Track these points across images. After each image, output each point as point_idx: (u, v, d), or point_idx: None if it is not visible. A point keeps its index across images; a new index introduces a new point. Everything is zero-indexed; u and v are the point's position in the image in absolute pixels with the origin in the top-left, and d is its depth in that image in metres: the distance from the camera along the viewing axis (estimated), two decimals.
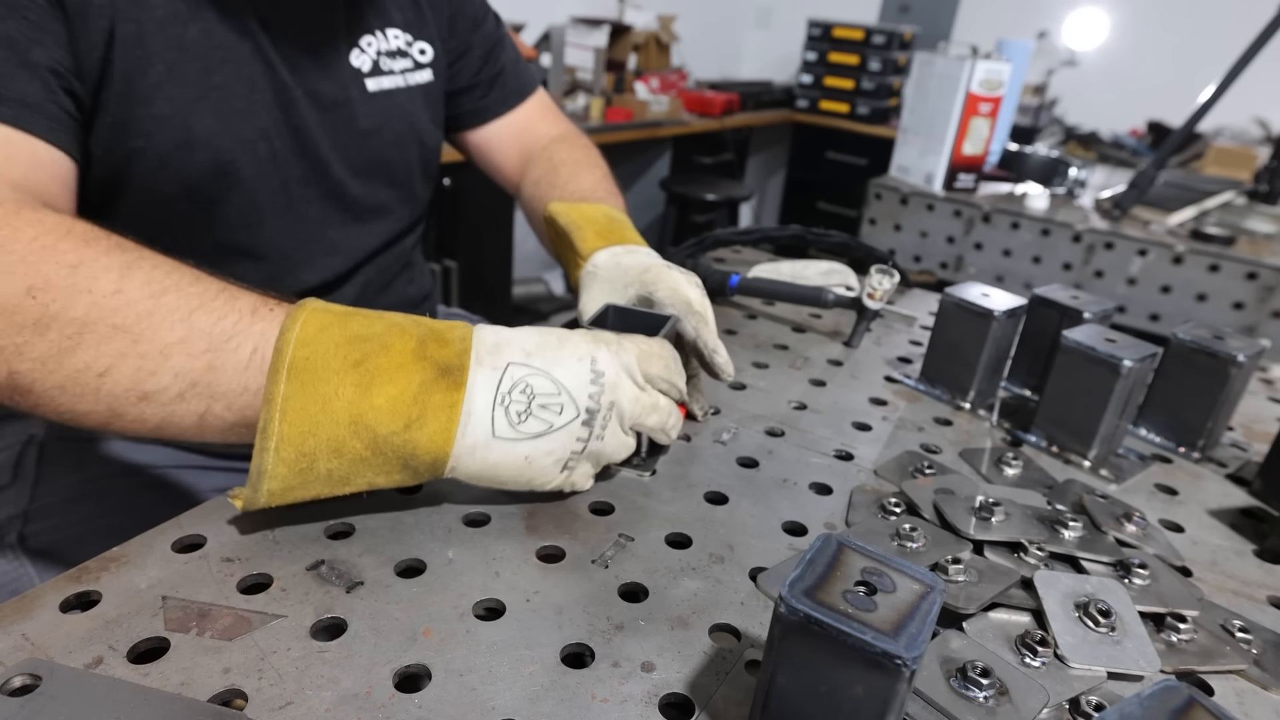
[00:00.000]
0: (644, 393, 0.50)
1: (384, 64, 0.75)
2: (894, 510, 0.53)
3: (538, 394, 0.46)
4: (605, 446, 0.49)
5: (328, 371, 0.42)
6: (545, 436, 0.46)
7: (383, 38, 0.76)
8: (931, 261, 1.78)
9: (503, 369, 0.45)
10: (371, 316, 0.46)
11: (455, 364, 0.45)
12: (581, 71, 2.91)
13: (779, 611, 0.32)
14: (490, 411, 0.45)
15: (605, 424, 0.48)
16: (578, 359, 0.47)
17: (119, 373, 0.43)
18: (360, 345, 0.44)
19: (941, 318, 0.72)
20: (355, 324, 0.45)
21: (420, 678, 0.38)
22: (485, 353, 0.46)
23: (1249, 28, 1.50)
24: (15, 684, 0.34)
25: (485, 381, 0.45)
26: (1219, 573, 0.53)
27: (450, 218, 2.44)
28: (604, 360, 0.48)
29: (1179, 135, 1.63)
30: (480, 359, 0.45)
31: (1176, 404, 0.68)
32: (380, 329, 0.45)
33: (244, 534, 0.47)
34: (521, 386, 0.45)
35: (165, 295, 0.44)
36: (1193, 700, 0.31)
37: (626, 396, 0.49)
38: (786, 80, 4.05)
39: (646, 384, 0.51)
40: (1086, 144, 3.19)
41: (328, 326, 0.44)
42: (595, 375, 0.47)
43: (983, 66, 1.63)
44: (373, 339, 0.44)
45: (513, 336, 0.48)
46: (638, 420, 0.50)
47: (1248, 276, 1.43)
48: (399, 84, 0.77)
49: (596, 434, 0.48)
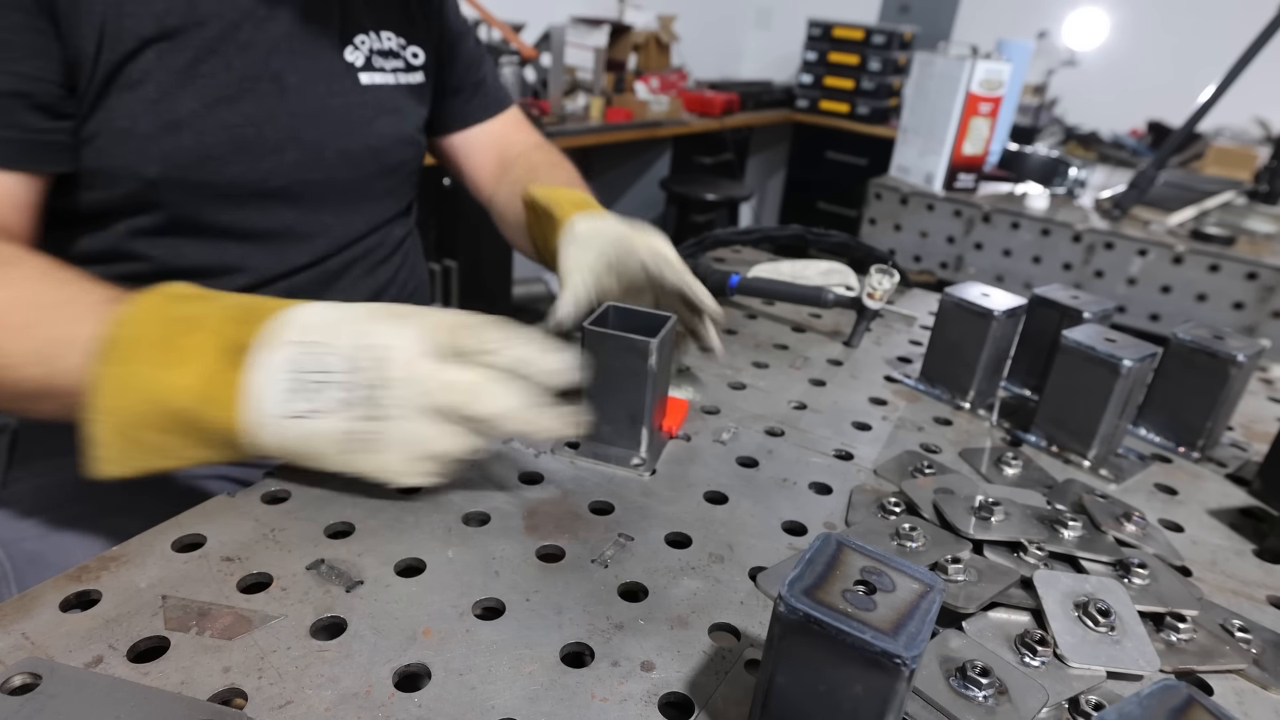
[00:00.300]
0: (444, 369, 0.45)
1: (376, 62, 0.77)
2: (894, 510, 0.53)
3: (306, 371, 0.45)
4: (397, 432, 0.45)
5: (139, 350, 0.45)
6: (313, 418, 0.45)
7: (375, 38, 0.77)
8: (931, 261, 1.78)
9: (284, 345, 0.45)
10: (203, 298, 0.48)
11: (242, 343, 0.45)
12: (581, 71, 2.91)
13: (779, 611, 0.32)
14: (267, 390, 0.44)
15: (382, 406, 0.45)
16: (351, 335, 0.45)
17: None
18: (175, 325, 0.46)
19: (941, 318, 0.72)
20: (180, 306, 0.47)
21: (420, 677, 0.38)
22: (276, 330, 0.45)
23: (1249, 28, 1.50)
24: (15, 683, 0.34)
25: (266, 360, 0.45)
26: (1218, 572, 0.53)
27: (450, 218, 2.44)
28: (381, 335, 0.45)
29: (1179, 135, 1.63)
30: (268, 337, 0.45)
31: (1176, 404, 0.68)
32: (200, 310, 0.47)
33: (244, 534, 0.47)
34: (294, 364, 0.45)
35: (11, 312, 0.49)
36: (1192, 700, 0.31)
37: (407, 374, 0.44)
38: (786, 80, 4.05)
39: (459, 362, 0.46)
40: (1086, 144, 3.19)
41: (154, 308, 0.47)
42: (362, 350, 0.45)
43: (983, 66, 1.63)
44: (188, 320, 0.46)
45: (308, 313, 0.47)
46: (440, 403, 0.45)
47: (1248, 276, 1.43)
48: (390, 81, 0.79)
49: (369, 415, 0.45)
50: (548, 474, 0.56)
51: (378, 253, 0.82)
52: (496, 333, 0.47)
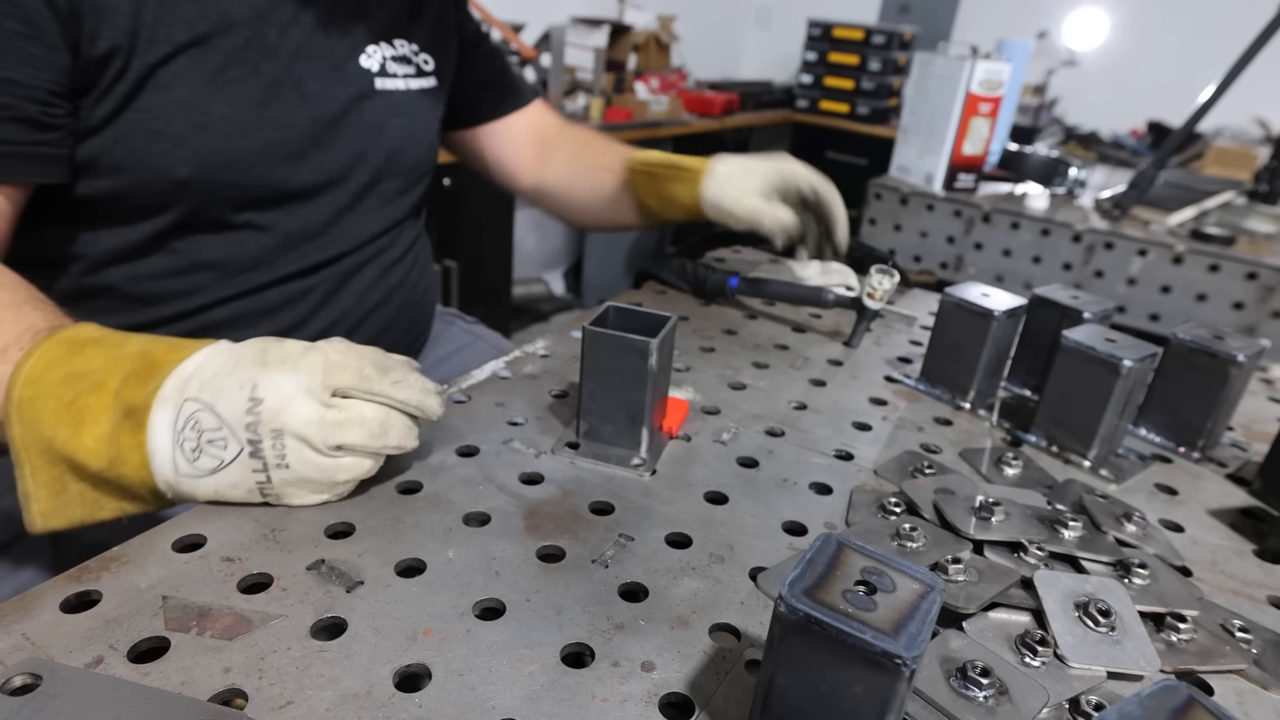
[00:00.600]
0: (331, 410, 0.46)
1: (390, 68, 0.79)
2: (894, 510, 0.53)
3: (204, 429, 0.45)
4: (299, 473, 0.47)
5: (46, 412, 0.45)
6: (220, 473, 0.46)
7: (389, 45, 0.79)
8: (931, 261, 1.78)
9: (180, 405, 0.46)
10: (103, 348, 0.48)
11: (140, 404, 0.46)
12: (581, 71, 2.91)
13: (779, 611, 0.32)
14: (170, 451, 0.46)
15: (282, 451, 0.46)
16: (239, 387, 0.46)
17: None
18: (75, 384, 0.46)
19: (941, 318, 0.72)
20: (80, 360, 0.47)
21: (420, 677, 0.38)
22: (172, 388, 0.46)
23: (1249, 28, 1.50)
24: (16, 683, 0.34)
25: (163, 421, 0.46)
26: (1219, 572, 0.53)
27: (450, 218, 2.44)
28: (266, 385, 0.46)
29: (1179, 135, 1.63)
30: (165, 396, 0.46)
31: (1176, 404, 0.68)
32: (99, 364, 0.47)
33: (244, 534, 0.47)
34: (192, 423, 0.45)
35: None
36: (1192, 700, 0.31)
37: (300, 419, 0.46)
38: (786, 80, 4.05)
39: (338, 400, 0.47)
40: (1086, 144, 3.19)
41: (55, 363, 0.47)
42: (252, 404, 0.45)
43: (983, 66, 1.63)
44: (88, 377, 0.46)
45: (202, 364, 0.47)
46: (333, 440, 0.46)
47: (1248, 276, 1.43)
48: (402, 87, 0.80)
49: (274, 463, 0.46)
50: (548, 474, 0.56)
51: (390, 253, 0.84)
52: (374, 372, 0.48)
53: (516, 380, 0.70)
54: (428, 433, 0.60)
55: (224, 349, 0.48)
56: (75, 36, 0.57)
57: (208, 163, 0.64)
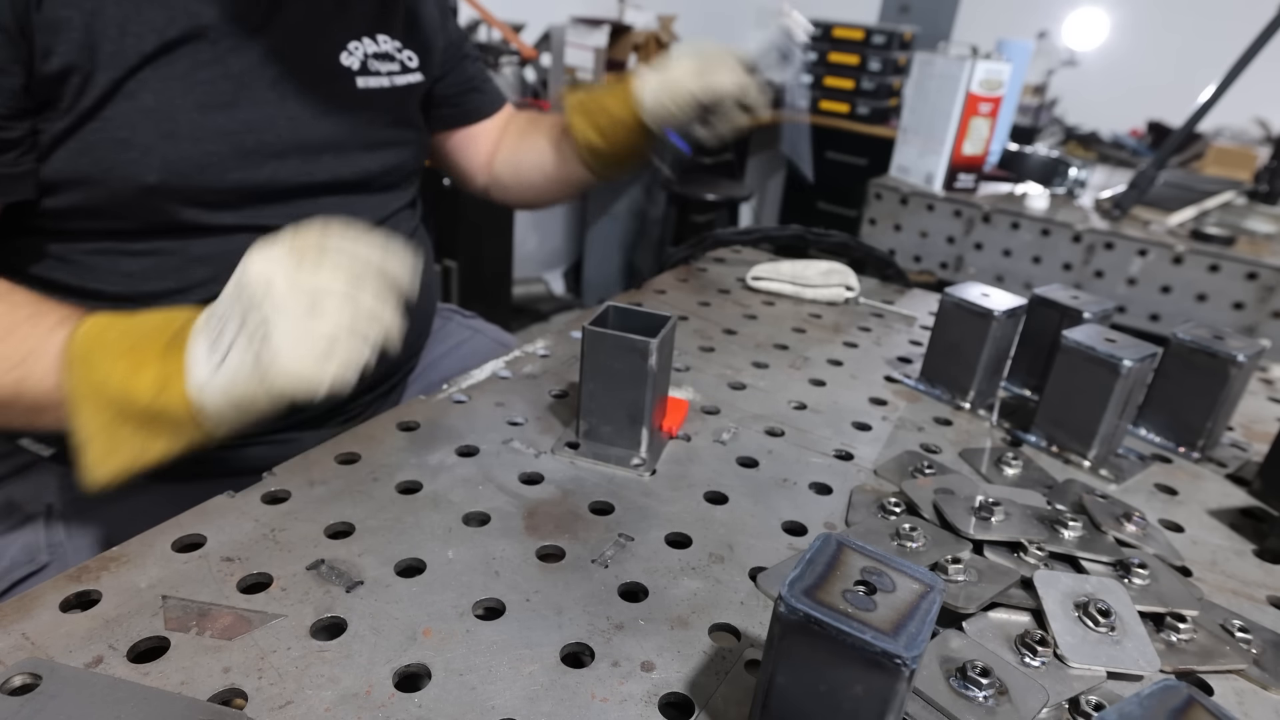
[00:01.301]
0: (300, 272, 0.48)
1: (372, 65, 0.78)
2: (894, 510, 0.53)
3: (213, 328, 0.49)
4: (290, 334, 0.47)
5: (105, 356, 0.49)
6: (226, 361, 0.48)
7: (372, 42, 0.78)
8: (931, 261, 1.78)
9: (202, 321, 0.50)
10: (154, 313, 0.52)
11: (183, 334, 0.50)
12: (581, 71, 2.91)
13: (779, 611, 0.32)
14: (194, 359, 0.49)
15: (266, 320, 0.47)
16: (233, 280, 0.49)
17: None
18: (132, 334, 0.50)
19: (941, 318, 0.72)
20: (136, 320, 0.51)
21: (420, 677, 0.38)
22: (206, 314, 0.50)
23: (1249, 28, 1.50)
24: (15, 683, 0.34)
25: (193, 337, 0.50)
26: (1219, 573, 0.53)
27: (450, 218, 2.44)
28: (245, 267, 0.49)
29: (1179, 135, 1.63)
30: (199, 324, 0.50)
31: (1176, 404, 0.68)
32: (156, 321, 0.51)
33: (244, 534, 0.47)
34: (207, 328, 0.49)
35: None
36: (1192, 700, 0.31)
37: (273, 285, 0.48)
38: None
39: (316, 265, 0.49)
40: (1086, 144, 3.19)
41: (112, 322, 0.51)
42: (238, 286, 0.48)
43: (983, 66, 1.63)
44: (145, 325, 0.51)
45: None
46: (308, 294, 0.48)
47: (1248, 276, 1.43)
48: (386, 84, 0.80)
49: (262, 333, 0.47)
50: (548, 474, 0.56)
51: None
52: (338, 237, 0.50)
53: (516, 380, 0.70)
54: (428, 433, 0.60)
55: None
56: (27, 55, 0.56)
57: (178, 168, 0.64)
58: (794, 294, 0.95)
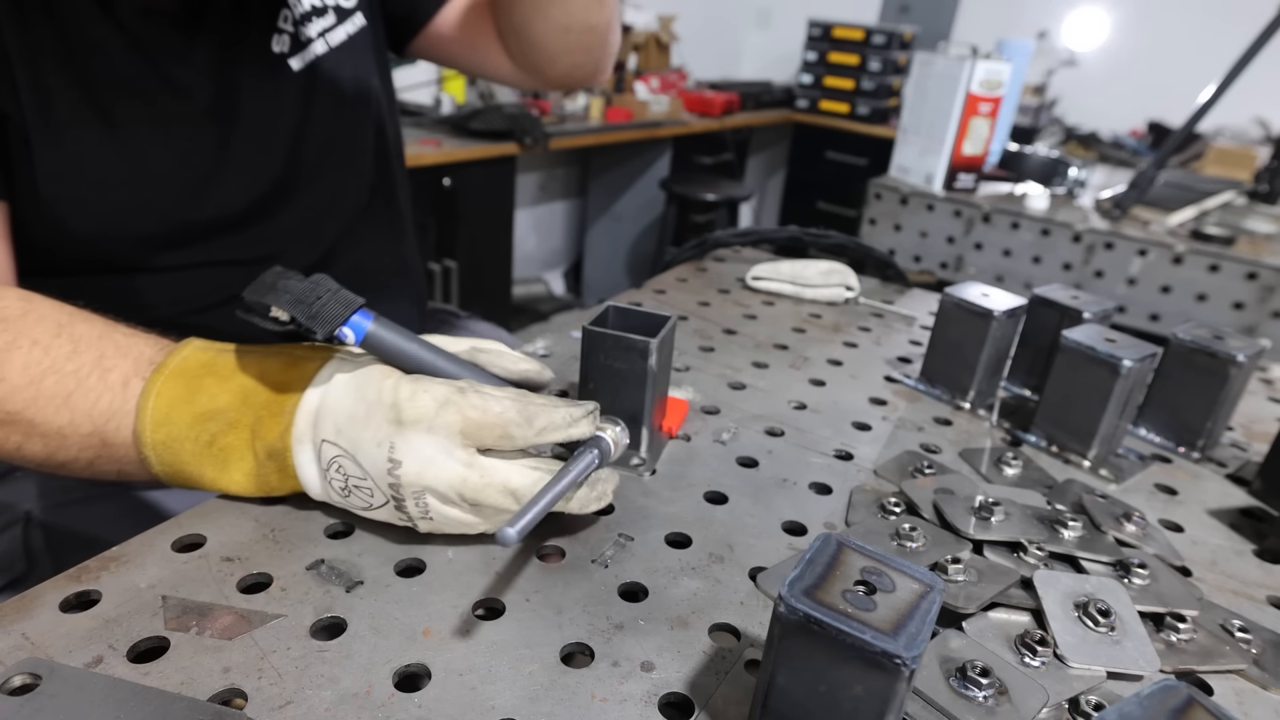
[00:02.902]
0: (472, 472, 0.43)
1: (303, 33, 0.70)
2: (894, 510, 0.53)
3: (349, 475, 0.44)
4: (444, 527, 0.45)
5: (186, 454, 0.46)
6: (372, 512, 0.46)
7: (296, 2, 0.70)
8: (931, 261, 1.78)
9: (319, 446, 0.45)
10: (219, 379, 0.46)
11: (279, 446, 0.45)
12: None
13: (779, 611, 0.32)
14: (321, 485, 0.46)
15: (424, 508, 0.44)
16: (375, 444, 0.43)
17: (32, 449, 0.47)
18: (207, 424, 0.46)
19: (941, 318, 0.72)
20: (203, 398, 0.46)
21: (420, 677, 0.38)
22: (305, 427, 0.45)
23: (1249, 28, 1.50)
24: (15, 683, 0.34)
25: (306, 458, 0.45)
26: (1219, 573, 0.53)
27: (450, 218, 2.44)
28: (403, 448, 0.42)
29: (1179, 135, 1.63)
30: (300, 436, 0.45)
31: (1176, 404, 0.68)
32: (224, 401, 0.46)
33: (244, 534, 0.47)
34: (336, 466, 0.44)
35: (44, 380, 0.46)
36: (1192, 700, 0.31)
37: (443, 482, 0.43)
38: (786, 80, 4.04)
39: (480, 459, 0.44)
40: (1086, 144, 3.19)
41: (177, 401, 0.46)
42: (391, 465, 0.43)
43: (983, 66, 1.63)
44: (218, 416, 0.46)
45: (332, 403, 0.44)
46: (475, 500, 0.44)
47: (1248, 276, 1.43)
48: (321, 49, 0.72)
49: (419, 516, 0.44)
50: None
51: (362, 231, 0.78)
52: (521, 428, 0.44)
53: None
54: None
55: (345, 384, 0.45)
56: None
57: (114, 220, 0.60)
58: (794, 294, 0.95)
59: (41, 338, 0.47)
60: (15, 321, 0.47)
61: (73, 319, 0.49)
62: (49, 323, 0.48)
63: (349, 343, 0.45)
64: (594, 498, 0.47)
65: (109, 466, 0.48)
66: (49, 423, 0.46)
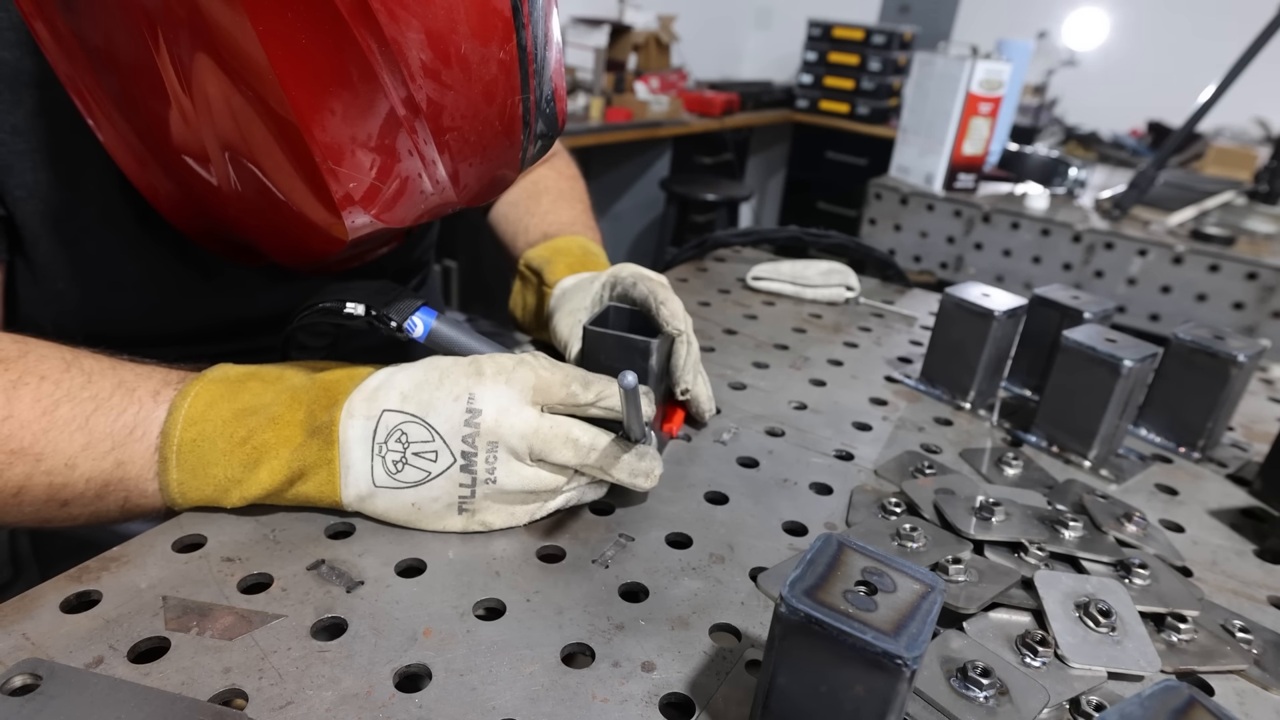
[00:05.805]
0: (545, 422, 0.46)
1: None
2: (894, 510, 0.53)
3: (412, 441, 0.45)
4: (504, 485, 0.46)
5: (216, 452, 0.44)
6: (426, 484, 0.45)
7: None
8: (931, 261, 1.78)
9: (378, 417, 0.45)
10: (264, 382, 0.47)
11: (327, 421, 0.45)
12: (581, 71, 2.91)
13: (779, 611, 0.32)
14: (369, 462, 0.45)
15: (492, 465, 0.45)
16: (454, 398, 0.45)
17: (32, 491, 0.44)
18: (246, 420, 0.45)
19: (941, 318, 0.72)
20: (246, 395, 0.46)
21: (420, 677, 0.38)
22: (361, 401, 0.45)
23: (1249, 28, 1.50)
24: (16, 684, 0.34)
25: (358, 434, 0.45)
26: (1219, 573, 0.53)
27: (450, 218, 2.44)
28: (484, 396, 0.45)
29: (1179, 135, 1.63)
30: (354, 409, 0.45)
31: (1176, 404, 0.68)
32: (269, 398, 0.46)
33: (244, 534, 0.47)
34: (397, 435, 0.44)
35: (59, 409, 0.44)
36: (1193, 700, 0.31)
37: (517, 431, 0.45)
38: (786, 80, 4.05)
39: (549, 415, 0.47)
40: (1086, 144, 3.19)
41: (217, 400, 0.45)
42: (470, 415, 0.44)
43: (983, 66, 1.63)
44: (260, 411, 0.45)
45: (394, 378, 0.46)
46: (543, 453, 0.46)
47: (1248, 276, 1.43)
48: None
49: (483, 477, 0.45)
50: None
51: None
52: (581, 389, 0.47)
53: None
54: None
55: (411, 366, 0.47)
56: None
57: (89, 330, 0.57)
58: (794, 294, 0.95)
59: (50, 373, 0.45)
60: (16, 361, 0.45)
61: (77, 355, 0.47)
62: (53, 360, 0.46)
63: (415, 334, 0.48)
64: (642, 470, 0.48)
65: (116, 496, 0.46)
66: (59, 453, 0.44)
